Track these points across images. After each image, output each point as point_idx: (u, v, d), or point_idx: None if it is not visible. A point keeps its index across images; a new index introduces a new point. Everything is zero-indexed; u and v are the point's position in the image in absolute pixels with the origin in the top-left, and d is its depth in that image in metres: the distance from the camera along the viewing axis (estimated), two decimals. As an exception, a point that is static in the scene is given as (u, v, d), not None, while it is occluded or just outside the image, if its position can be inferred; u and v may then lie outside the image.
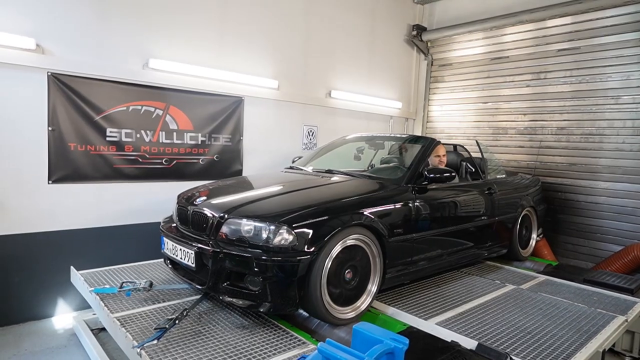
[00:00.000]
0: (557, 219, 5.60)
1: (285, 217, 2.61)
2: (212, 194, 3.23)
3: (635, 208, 5.01)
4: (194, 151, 4.63)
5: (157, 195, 4.36)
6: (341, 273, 2.77)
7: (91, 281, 3.35)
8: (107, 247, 4.10)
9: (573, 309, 3.25)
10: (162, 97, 4.35)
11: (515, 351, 2.49)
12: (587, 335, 2.76)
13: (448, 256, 3.66)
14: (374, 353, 1.45)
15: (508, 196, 4.41)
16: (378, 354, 1.45)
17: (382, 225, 2.95)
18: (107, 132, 4.04)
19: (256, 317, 2.86)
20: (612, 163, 5.17)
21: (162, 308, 2.92)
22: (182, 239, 2.90)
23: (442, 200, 3.56)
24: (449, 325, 2.81)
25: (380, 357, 1.47)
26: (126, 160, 4.18)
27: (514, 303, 3.30)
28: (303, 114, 5.64)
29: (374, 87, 6.50)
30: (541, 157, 5.76)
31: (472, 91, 6.56)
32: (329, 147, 4.44)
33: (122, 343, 2.58)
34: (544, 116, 5.76)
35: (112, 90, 4.03)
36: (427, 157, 3.64)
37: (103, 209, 4.09)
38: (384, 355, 1.52)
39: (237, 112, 4.93)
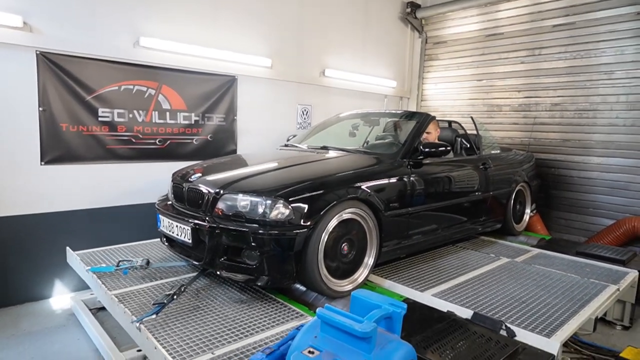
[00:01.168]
0: (550, 194, 5.64)
1: (281, 192, 2.61)
2: (207, 170, 3.21)
3: (627, 182, 5.05)
4: (188, 131, 4.60)
5: (152, 176, 4.34)
6: (338, 246, 2.78)
7: (87, 261, 3.35)
8: (102, 228, 4.08)
9: (566, 279, 3.30)
10: (154, 77, 4.28)
11: (510, 319, 2.53)
12: (580, 304, 2.81)
13: (443, 230, 3.69)
14: (373, 317, 1.46)
15: (502, 172, 4.43)
16: (377, 318, 1.46)
17: (378, 199, 2.96)
18: (99, 112, 3.98)
19: (254, 292, 2.88)
20: (605, 138, 5.19)
21: (160, 285, 2.94)
22: (178, 216, 2.90)
23: (437, 175, 3.58)
24: (444, 297, 2.85)
25: (379, 322, 1.48)
26: (119, 140, 4.14)
27: (508, 275, 3.34)
28: (297, 93, 5.59)
29: (368, 65, 6.44)
30: (535, 133, 5.78)
31: (466, 69, 6.52)
32: (324, 125, 4.42)
33: (121, 319, 2.60)
34: (539, 93, 5.75)
35: (103, 70, 3.97)
36: (422, 132, 3.63)
37: (97, 190, 4.06)
38: (383, 319, 1.53)
39: (230, 92, 4.88)
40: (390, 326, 1.57)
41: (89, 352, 3.01)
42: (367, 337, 1.37)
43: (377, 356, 1.37)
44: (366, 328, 1.37)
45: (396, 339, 1.48)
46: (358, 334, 1.37)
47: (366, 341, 1.39)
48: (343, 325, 1.41)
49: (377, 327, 1.41)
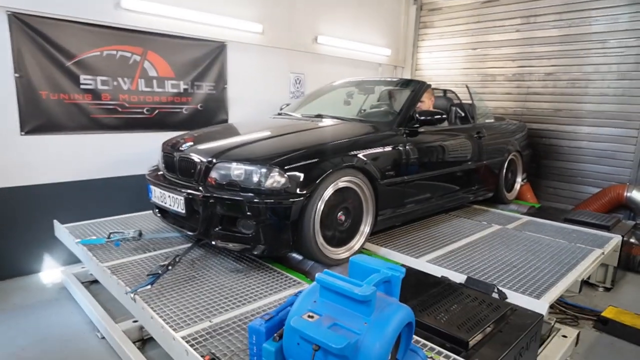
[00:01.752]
0: (540, 164, 5.69)
1: (276, 160, 2.56)
2: (199, 139, 3.14)
3: (614, 151, 5.11)
4: (177, 100, 4.47)
5: (140, 147, 4.23)
6: (334, 215, 2.77)
7: (77, 233, 3.29)
8: (90, 200, 3.99)
9: (554, 244, 3.37)
10: (138, 42, 4.11)
11: (502, 282, 2.59)
12: (567, 267, 2.88)
13: (437, 199, 3.70)
14: (372, 281, 1.46)
15: (496, 141, 4.43)
16: (376, 282, 1.46)
17: (374, 168, 2.94)
18: (81, 79, 3.82)
19: (250, 261, 2.87)
20: (596, 108, 5.21)
21: (153, 256, 2.91)
22: (170, 186, 2.84)
23: (432, 144, 3.56)
24: (438, 263, 2.89)
25: (378, 285, 1.48)
26: (104, 109, 4.00)
27: (500, 241, 3.40)
28: (289, 61, 5.45)
29: (362, 32, 6.29)
30: (528, 103, 5.77)
31: (461, 37, 6.42)
32: (318, 93, 4.34)
33: (115, 290, 2.58)
34: (532, 62, 5.70)
35: (82, 33, 3.77)
36: (417, 100, 3.58)
37: (83, 162, 3.95)
38: (382, 283, 1.53)
39: (220, 59, 4.73)
40: (388, 290, 1.56)
41: (82, 324, 2.99)
42: (366, 301, 1.37)
43: (376, 319, 1.37)
44: (366, 291, 1.36)
45: (395, 302, 1.48)
46: (358, 298, 1.36)
47: (366, 304, 1.38)
48: (342, 289, 1.41)
49: (376, 290, 1.41)
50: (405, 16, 6.95)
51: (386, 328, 1.34)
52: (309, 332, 1.32)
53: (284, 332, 1.49)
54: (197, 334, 1.95)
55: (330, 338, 1.28)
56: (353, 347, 1.29)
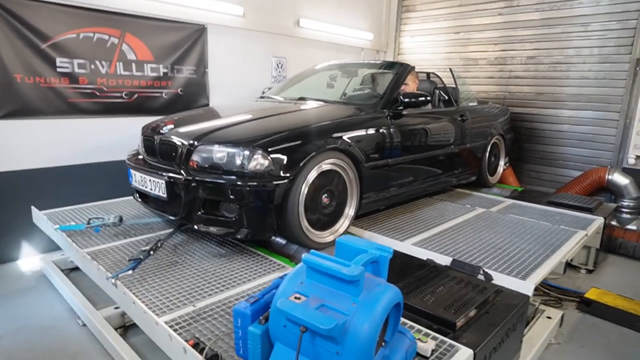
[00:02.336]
0: (522, 147, 5.74)
1: (259, 142, 2.51)
2: (180, 122, 3.06)
3: (596, 135, 5.18)
4: (156, 84, 4.35)
5: (120, 132, 4.12)
6: (318, 198, 2.74)
7: (55, 220, 3.20)
8: (69, 187, 3.88)
9: (538, 226, 3.41)
10: (116, 24, 3.97)
11: (488, 264, 2.60)
12: (552, 249, 2.91)
13: (422, 182, 3.70)
14: (360, 261, 1.44)
15: (479, 124, 4.44)
16: (364, 262, 1.44)
17: (358, 150, 2.91)
18: (57, 62, 3.68)
19: (233, 246, 2.83)
20: (577, 91, 5.25)
21: (135, 242, 2.85)
22: (151, 170, 2.77)
23: (416, 127, 3.54)
24: (424, 245, 2.89)
25: (366, 266, 1.46)
26: (82, 93, 3.87)
27: (484, 224, 3.42)
28: (271, 45, 5.35)
29: (344, 16, 6.20)
30: (510, 87, 5.79)
31: (444, 21, 6.38)
32: (301, 77, 4.27)
33: (95, 276, 2.53)
34: (514, 45, 5.71)
35: (58, 15, 3.63)
36: (401, 82, 3.55)
37: (61, 147, 3.83)
38: (369, 264, 1.51)
39: (200, 42, 4.61)
40: (376, 270, 1.55)
41: (63, 312, 2.93)
42: (355, 281, 1.35)
43: (365, 299, 1.36)
44: (354, 271, 1.34)
45: (383, 282, 1.46)
46: (346, 278, 1.34)
47: (354, 285, 1.36)
48: (330, 269, 1.38)
49: (364, 270, 1.39)
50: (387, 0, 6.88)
51: (375, 308, 1.32)
52: (296, 314, 1.29)
53: (270, 315, 1.46)
54: (180, 319, 1.92)
55: (318, 319, 1.25)
56: (341, 328, 1.27)
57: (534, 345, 2.54)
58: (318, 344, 1.34)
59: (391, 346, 1.51)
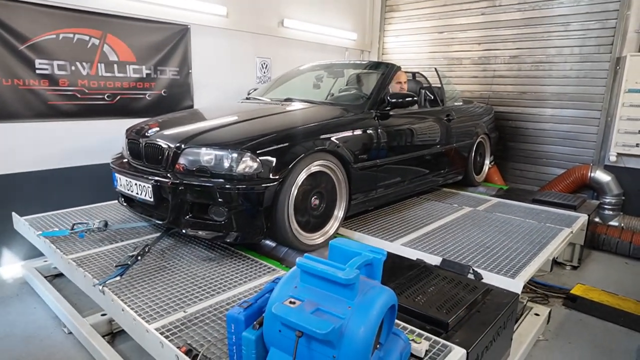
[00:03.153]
0: (507, 146, 5.81)
1: (248, 144, 2.49)
2: (165, 125, 3.01)
3: (577, 133, 5.27)
4: (139, 85, 4.28)
5: (102, 134, 4.03)
6: (308, 200, 2.73)
7: (37, 226, 3.12)
8: (51, 191, 3.78)
9: (525, 224, 3.45)
10: (96, 24, 3.88)
11: (477, 263, 2.62)
12: (539, 246, 2.95)
13: (410, 182, 3.71)
14: (355, 264, 1.43)
15: (464, 124, 4.48)
16: (358, 265, 1.43)
17: (346, 151, 2.91)
18: (36, 63, 3.59)
19: (222, 249, 2.80)
20: (559, 90, 5.34)
21: (121, 247, 2.80)
22: (136, 174, 2.72)
23: (404, 127, 3.55)
24: (413, 246, 2.90)
25: (360, 268, 1.45)
26: (62, 96, 3.78)
27: (472, 223, 3.45)
28: (255, 45, 5.31)
29: (329, 16, 6.20)
30: (494, 86, 5.86)
31: (427, 20, 6.43)
32: (287, 77, 4.25)
33: (82, 283, 2.46)
34: (498, 45, 5.78)
35: (36, 15, 3.53)
36: (388, 82, 3.56)
37: (43, 151, 3.73)
38: (364, 266, 1.50)
39: (183, 43, 4.55)
40: (370, 273, 1.54)
41: (47, 319, 2.86)
42: (350, 284, 1.34)
43: (360, 302, 1.35)
44: (349, 275, 1.33)
45: (378, 285, 1.46)
46: (341, 281, 1.33)
47: (349, 288, 1.35)
48: (325, 273, 1.37)
49: (359, 273, 1.38)
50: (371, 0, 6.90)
51: (370, 311, 1.31)
52: (291, 318, 1.27)
53: (264, 320, 1.44)
54: (171, 325, 1.88)
55: (314, 323, 1.24)
56: (338, 331, 1.26)
57: (523, 342, 2.58)
58: (314, 349, 1.33)
59: (386, 348, 1.51)
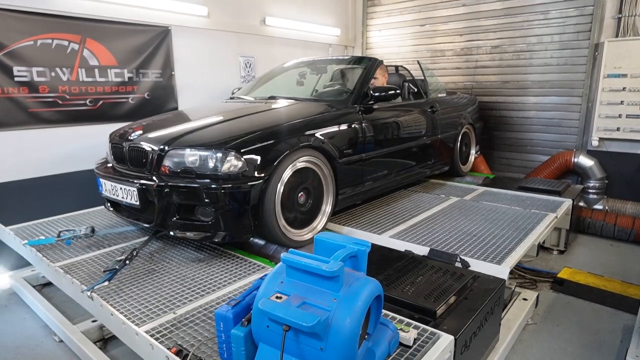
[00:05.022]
0: (492, 135, 5.87)
1: (232, 143, 2.49)
2: (148, 128, 2.99)
3: (560, 119, 5.34)
4: (122, 89, 4.24)
5: (86, 140, 3.99)
6: (295, 196, 2.74)
7: (23, 235, 3.09)
8: (35, 200, 3.74)
9: (511, 212, 3.50)
10: (75, 29, 3.84)
11: (464, 252, 2.66)
12: (524, 232, 3.00)
13: (396, 175, 3.74)
14: (339, 256, 1.44)
15: (449, 115, 4.52)
16: (342, 257, 1.44)
17: (331, 147, 2.92)
18: (15, 71, 3.54)
19: (211, 250, 2.80)
20: (540, 78, 5.40)
21: (109, 252, 2.78)
22: (121, 178, 2.70)
23: (388, 120, 3.57)
24: (401, 237, 2.93)
25: (345, 261, 1.46)
26: (43, 103, 3.73)
27: (458, 212, 3.49)
28: (238, 45, 5.29)
29: (311, 13, 6.19)
30: (477, 77, 5.91)
31: (409, 14, 6.45)
32: (270, 75, 4.25)
33: (70, 290, 2.45)
34: (479, 35, 5.83)
35: (12, 22, 3.48)
36: (371, 76, 3.57)
37: (24, 159, 3.67)
38: (348, 259, 1.52)
39: (165, 44, 4.51)
40: (355, 265, 1.56)
41: (37, 329, 2.84)
42: (334, 276, 1.35)
43: (345, 294, 1.36)
44: (333, 267, 1.35)
45: (363, 276, 1.47)
46: (325, 274, 1.34)
47: (334, 280, 1.37)
48: (309, 267, 1.38)
49: (343, 265, 1.39)
50: (353, -6, 6.91)
51: (356, 302, 1.33)
52: (277, 313, 1.28)
53: (252, 316, 1.46)
54: (161, 327, 1.88)
55: (300, 317, 1.25)
56: (324, 324, 1.27)
57: (512, 327, 2.62)
58: (302, 342, 1.34)
59: (374, 338, 1.53)
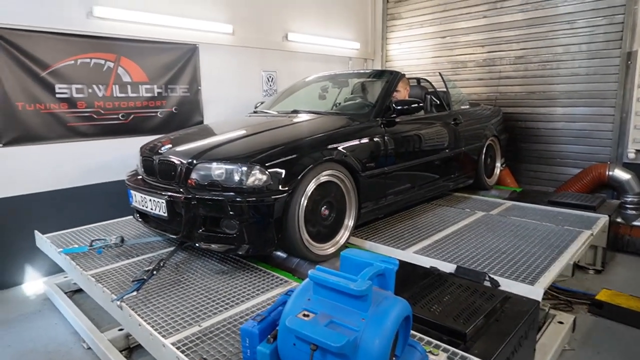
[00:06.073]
0: (518, 147, 5.74)
1: (256, 157, 2.52)
2: (176, 142, 3.06)
3: (592, 131, 5.15)
4: (151, 104, 4.38)
5: (118, 152, 4.15)
6: (318, 210, 2.75)
7: (59, 243, 3.21)
8: (70, 209, 3.90)
9: (542, 228, 3.35)
10: (111, 48, 4.04)
11: (493, 270, 2.56)
12: (558, 250, 2.85)
13: (419, 188, 3.70)
14: (367, 275, 1.43)
15: (473, 127, 4.46)
16: (370, 275, 1.44)
17: (354, 160, 2.93)
18: (56, 88, 3.75)
19: (234, 262, 2.83)
20: (569, 88, 5.27)
21: (137, 262, 2.85)
22: (150, 190, 2.78)
23: (410, 133, 3.56)
24: (426, 253, 2.86)
25: (372, 279, 1.45)
26: (80, 117, 3.92)
27: (485, 227, 3.39)
28: (261, 60, 5.40)
29: (331, 28, 6.27)
30: (500, 87, 5.83)
31: (429, 26, 6.45)
32: (292, 89, 4.30)
33: (100, 299, 2.52)
34: (502, 46, 5.76)
35: (56, 43, 3.71)
36: (393, 90, 3.57)
37: (62, 170, 3.87)
38: (376, 277, 1.51)
39: (192, 61, 4.66)
40: (383, 283, 1.54)
41: (67, 335, 2.92)
42: (363, 295, 1.35)
43: (374, 314, 1.35)
44: (361, 286, 1.34)
45: (391, 296, 1.46)
46: (354, 293, 1.34)
47: (362, 299, 1.36)
48: (337, 285, 1.38)
49: (372, 284, 1.38)
50: (372, 9, 6.94)
51: (385, 323, 1.31)
52: (305, 332, 1.28)
53: (278, 333, 1.46)
54: (187, 340, 1.91)
55: (328, 336, 1.25)
56: (352, 344, 1.26)
57: (548, 352, 2.47)
58: (328, 361, 1.33)
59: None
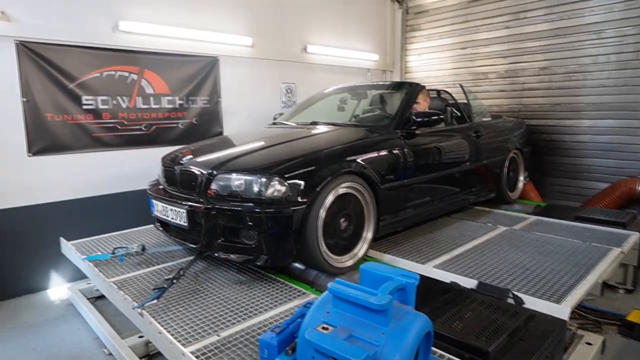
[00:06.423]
0: (543, 160, 5.60)
1: (276, 169, 2.54)
2: (197, 152, 3.11)
3: (620, 144, 4.98)
4: (173, 115, 4.47)
5: (140, 162, 4.24)
6: (336, 222, 2.73)
7: (83, 250, 3.29)
8: (94, 217, 4.00)
9: (568, 244, 3.24)
10: (135, 61, 4.16)
11: (517, 287, 2.48)
12: (585, 268, 2.75)
13: (439, 201, 3.65)
14: (387, 289, 1.41)
15: (494, 139, 4.39)
16: (391, 290, 1.41)
17: (373, 172, 2.91)
18: (83, 100, 3.87)
19: (252, 272, 2.83)
20: (596, 100, 5.11)
21: (157, 270, 2.89)
22: (171, 200, 2.81)
23: (431, 145, 3.52)
24: (446, 268, 2.80)
25: (392, 293, 1.43)
26: (105, 128, 4.03)
27: (508, 243, 3.30)
28: (280, 71, 5.46)
29: (350, 39, 6.31)
30: (524, 99, 5.73)
31: (449, 37, 6.41)
32: (311, 101, 4.32)
33: (122, 306, 2.55)
34: (524, 57, 5.66)
35: (84, 56, 3.85)
36: (413, 101, 3.55)
37: (87, 179, 3.98)
38: (396, 291, 1.48)
39: (213, 73, 4.75)
40: (403, 298, 1.52)
41: (89, 340, 2.97)
42: (383, 310, 1.32)
43: (394, 329, 1.33)
44: (382, 300, 1.32)
45: (412, 311, 1.43)
46: (374, 307, 1.32)
47: (382, 314, 1.34)
48: (357, 298, 1.36)
49: (392, 299, 1.36)
50: (391, 21, 6.96)
51: (405, 338, 1.29)
52: (325, 345, 1.27)
53: (297, 345, 1.45)
54: (205, 349, 1.91)
55: (348, 350, 1.23)
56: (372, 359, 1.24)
57: (575, 375, 2.37)
58: (347, 376, 1.31)
59: (422, 376, 1.47)
